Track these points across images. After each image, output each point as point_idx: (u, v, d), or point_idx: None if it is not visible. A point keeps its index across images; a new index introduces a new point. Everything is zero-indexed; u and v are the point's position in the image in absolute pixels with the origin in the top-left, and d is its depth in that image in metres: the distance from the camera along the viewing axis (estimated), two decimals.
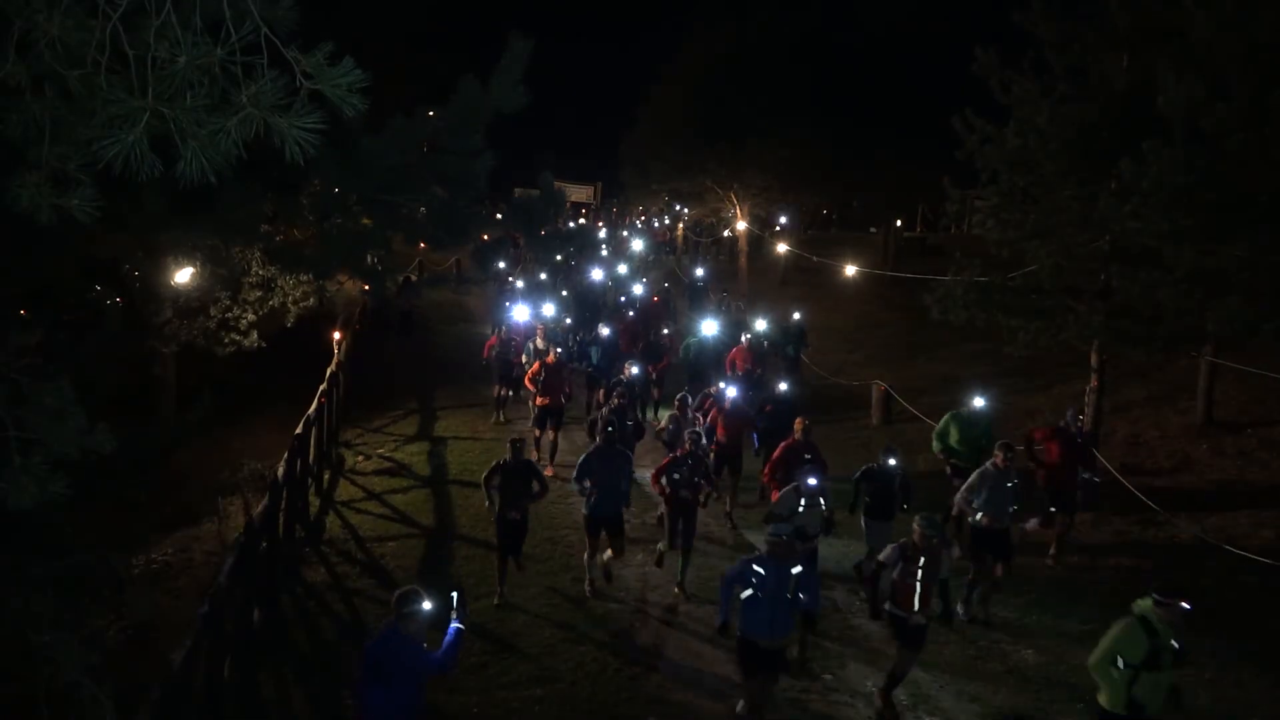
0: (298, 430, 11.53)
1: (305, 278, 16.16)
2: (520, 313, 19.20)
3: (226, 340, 15.76)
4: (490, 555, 10.51)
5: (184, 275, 13.66)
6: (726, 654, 8.40)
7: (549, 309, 20.22)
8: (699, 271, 27.16)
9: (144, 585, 9.91)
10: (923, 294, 13.14)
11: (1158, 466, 12.91)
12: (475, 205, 4.44)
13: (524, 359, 16.59)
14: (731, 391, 12.68)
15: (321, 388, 13.93)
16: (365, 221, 4.45)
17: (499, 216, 10.28)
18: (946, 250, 18.32)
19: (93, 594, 8.49)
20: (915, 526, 7.23)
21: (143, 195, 3.46)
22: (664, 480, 9.74)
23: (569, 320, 19.97)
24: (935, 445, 11.29)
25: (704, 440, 10.66)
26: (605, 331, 17.00)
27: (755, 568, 6.74)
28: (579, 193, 57.24)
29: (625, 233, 47.49)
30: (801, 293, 29.68)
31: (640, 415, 14.12)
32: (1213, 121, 9.33)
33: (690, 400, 12.79)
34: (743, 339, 16.87)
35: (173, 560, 10.81)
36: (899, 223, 38.55)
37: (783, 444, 10.46)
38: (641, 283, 26.05)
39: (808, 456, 9.85)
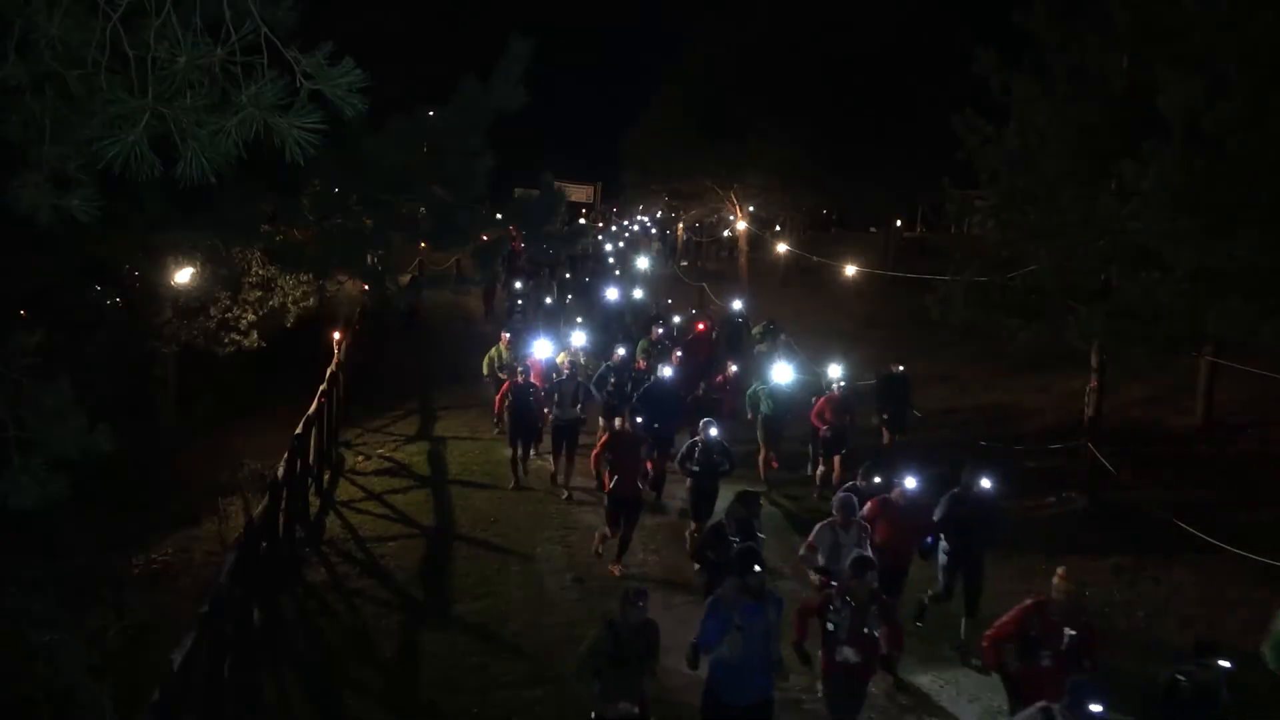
0: (298, 430, 11.52)
1: (305, 278, 16.19)
2: (542, 348, 14.90)
3: (226, 340, 15.78)
4: (490, 556, 10.53)
5: (184, 275, 13.68)
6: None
7: (579, 338, 15.62)
8: (736, 304, 20.97)
9: (144, 585, 9.91)
10: (923, 294, 13.13)
11: (1158, 466, 12.91)
12: (475, 205, 4.43)
13: (548, 412, 13.07)
14: (910, 482, 8.48)
15: (321, 388, 13.92)
16: (365, 221, 4.45)
17: (499, 216, 9.81)
18: (946, 250, 18.30)
19: (93, 594, 8.51)
20: None
21: (143, 195, 3.46)
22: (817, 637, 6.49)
23: (621, 352, 14.41)
24: (1270, 658, 6.91)
25: (872, 569, 6.59)
26: (667, 372, 13.25)
27: None
28: (579, 193, 57.22)
29: (622, 244, 40.88)
30: (801, 292, 29.72)
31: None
32: (1213, 121, 9.33)
33: (856, 500, 8.33)
34: (834, 387, 13.07)
35: (173, 560, 10.81)
36: (899, 223, 38.58)
37: (1024, 607, 6.39)
38: (669, 305, 21.11)
39: (1071, 633, 6.09)
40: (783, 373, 13.63)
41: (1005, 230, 12.01)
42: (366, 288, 18.32)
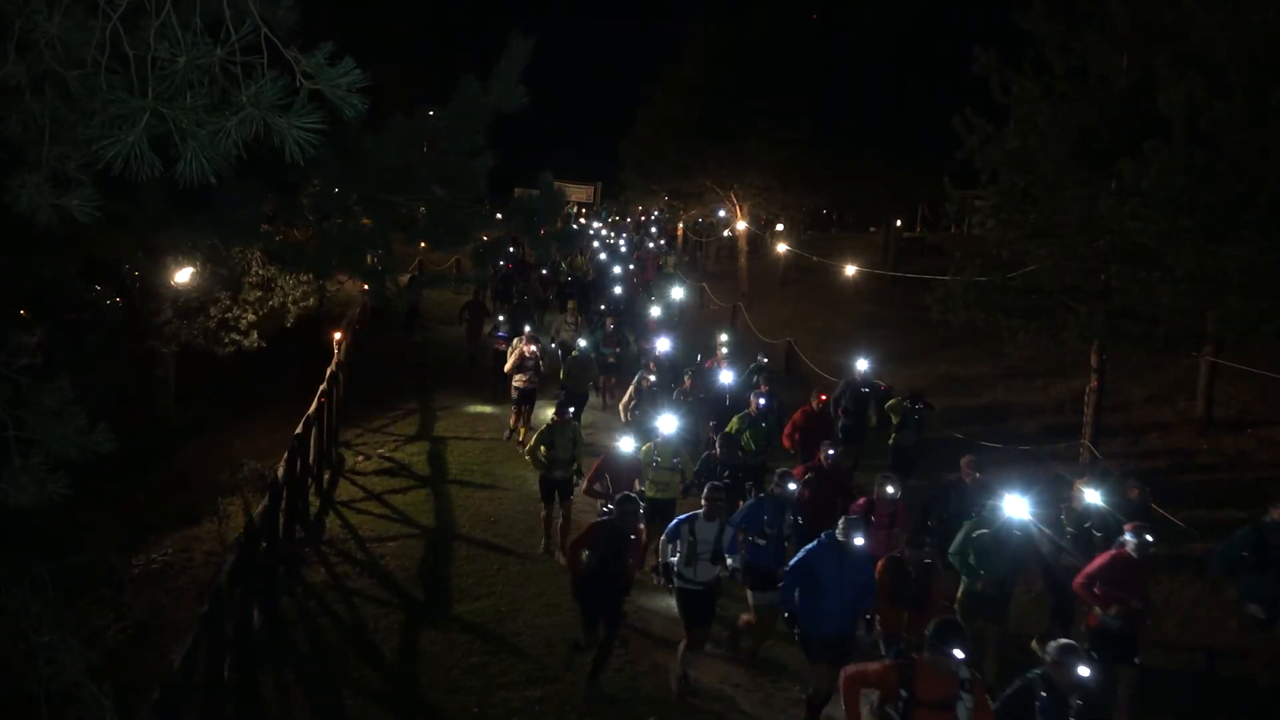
0: (298, 430, 11.52)
1: (305, 278, 16.24)
2: (626, 445, 9.90)
3: (226, 340, 15.82)
4: (490, 556, 10.53)
5: (184, 275, 13.72)
6: (726, 655, 8.42)
7: (669, 423, 10.36)
8: (861, 365, 13.59)
9: (144, 585, 9.91)
10: (923, 294, 13.13)
11: (1157, 467, 12.92)
12: (475, 205, 4.44)
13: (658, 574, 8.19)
14: None
15: (321, 388, 13.92)
16: (365, 221, 4.45)
17: (499, 216, 9.20)
18: (946, 250, 18.29)
19: (93, 594, 8.52)
20: None
21: (143, 195, 3.46)
22: None
23: (791, 487, 8.48)
24: None
25: None
26: (861, 541, 7.01)
27: None
28: (579, 192, 57.31)
29: (631, 265, 32.38)
30: (801, 292, 29.73)
31: None
32: (1213, 121, 9.33)
33: None
34: (1129, 544, 7.34)
35: (173, 560, 10.81)
36: (899, 223, 38.58)
37: None
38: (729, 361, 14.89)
39: None
40: (1017, 507, 8.01)
41: (1005, 230, 12.01)
42: (366, 288, 18.29)
